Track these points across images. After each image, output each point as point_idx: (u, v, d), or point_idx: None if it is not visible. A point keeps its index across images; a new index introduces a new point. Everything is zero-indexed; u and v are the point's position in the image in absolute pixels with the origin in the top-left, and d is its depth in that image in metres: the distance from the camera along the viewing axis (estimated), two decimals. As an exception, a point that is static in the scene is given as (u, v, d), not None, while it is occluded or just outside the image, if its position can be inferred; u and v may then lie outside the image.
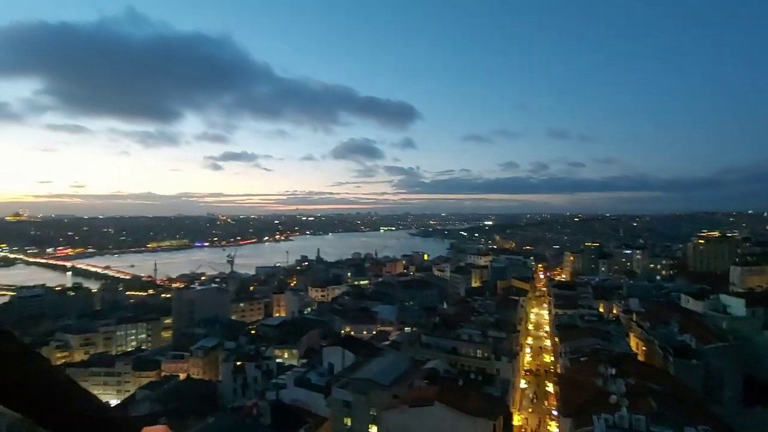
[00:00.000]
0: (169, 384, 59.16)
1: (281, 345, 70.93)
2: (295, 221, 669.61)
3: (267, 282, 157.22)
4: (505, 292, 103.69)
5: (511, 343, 64.29)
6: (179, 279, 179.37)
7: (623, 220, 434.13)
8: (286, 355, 69.07)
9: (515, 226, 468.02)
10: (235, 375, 59.72)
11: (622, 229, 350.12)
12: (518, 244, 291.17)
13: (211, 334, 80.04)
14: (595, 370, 45.01)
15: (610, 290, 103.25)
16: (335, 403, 45.75)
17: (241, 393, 57.95)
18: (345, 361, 54.75)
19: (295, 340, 71.66)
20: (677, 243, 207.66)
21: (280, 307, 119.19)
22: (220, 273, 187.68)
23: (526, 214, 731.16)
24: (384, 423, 39.44)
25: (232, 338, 73.66)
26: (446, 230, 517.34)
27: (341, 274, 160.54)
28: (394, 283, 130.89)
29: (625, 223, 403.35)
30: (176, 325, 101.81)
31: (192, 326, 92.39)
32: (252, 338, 75.80)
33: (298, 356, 67.99)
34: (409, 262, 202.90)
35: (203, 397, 53.77)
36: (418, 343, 64.47)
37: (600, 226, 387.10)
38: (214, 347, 72.12)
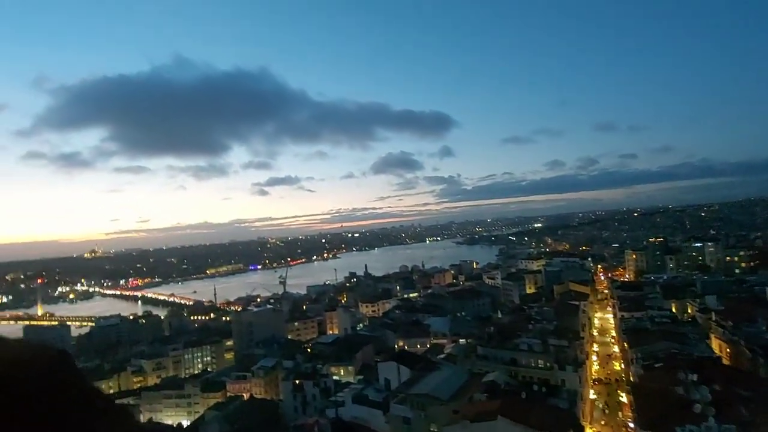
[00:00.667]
0: (235, 404, 61.48)
1: (337, 362, 71.70)
2: (340, 239, 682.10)
3: (318, 300, 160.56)
4: (563, 297, 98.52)
5: (575, 350, 60.66)
6: (237, 302, 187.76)
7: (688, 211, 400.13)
8: (342, 372, 69.64)
9: (567, 226, 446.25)
10: (294, 393, 60.99)
11: (688, 221, 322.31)
12: (572, 245, 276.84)
13: (269, 354, 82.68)
14: (673, 377, 41.33)
15: (681, 288, 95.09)
16: (394, 420, 45.30)
17: (301, 411, 59.01)
18: (401, 376, 54.28)
19: (350, 356, 72.18)
20: (755, 231, 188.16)
21: (333, 325, 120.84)
22: (274, 294, 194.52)
23: (577, 213, 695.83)
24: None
25: (290, 357, 75.62)
26: (493, 236, 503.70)
27: (390, 288, 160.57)
28: (444, 294, 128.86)
29: (691, 214, 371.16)
30: (237, 347, 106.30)
31: (252, 347, 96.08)
32: (308, 356, 77.39)
33: (353, 373, 68.33)
34: (458, 271, 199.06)
35: (267, 416, 55.34)
36: (475, 355, 62.58)
37: (662, 220, 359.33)
38: (274, 367, 74.26)
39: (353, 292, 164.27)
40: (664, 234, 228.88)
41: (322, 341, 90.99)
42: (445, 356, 66.84)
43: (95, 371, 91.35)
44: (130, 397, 77.05)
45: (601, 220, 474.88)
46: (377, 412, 49.14)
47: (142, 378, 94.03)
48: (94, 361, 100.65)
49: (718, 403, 32.99)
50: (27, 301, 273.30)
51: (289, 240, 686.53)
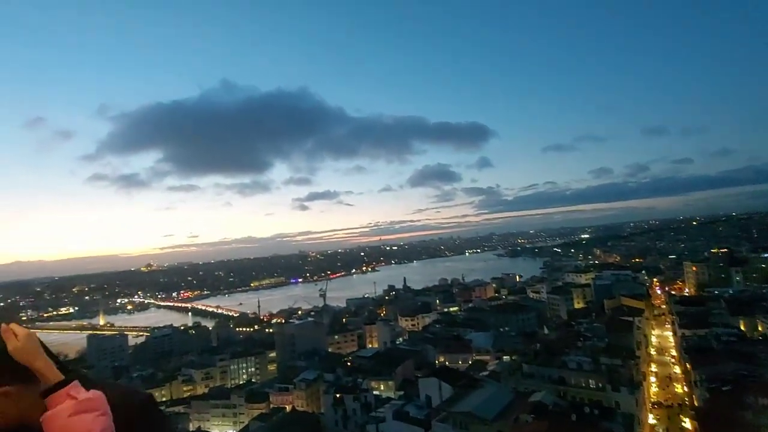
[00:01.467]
0: (278, 416, 62.55)
1: (377, 377, 71.31)
2: (379, 252, 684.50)
3: (358, 313, 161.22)
4: (614, 313, 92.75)
5: (631, 370, 56.72)
6: (279, 314, 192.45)
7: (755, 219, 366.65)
8: (382, 386, 69.12)
9: (617, 237, 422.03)
10: (335, 407, 61.17)
11: (755, 230, 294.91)
12: (624, 257, 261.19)
13: (311, 367, 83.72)
14: (742, 401, 37.57)
15: (750, 303, 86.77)
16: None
17: (342, 425, 59.01)
18: (442, 393, 53.12)
19: (390, 371, 71.58)
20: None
21: (373, 338, 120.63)
22: (314, 307, 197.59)
23: (628, 223, 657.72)
24: (491, 461, 36.93)
25: (331, 370, 76.16)
26: (537, 248, 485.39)
27: (429, 301, 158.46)
28: (485, 309, 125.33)
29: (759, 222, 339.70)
30: (280, 358, 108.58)
31: (294, 359, 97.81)
32: (349, 370, 77.61)
33: (394, 388, 67.63)
34: (500, 285, 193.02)
35: (308, 429, 55.82)
36: (520, 373, 60.09)
37: (725, 229, 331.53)
38: (315, 379, 75.04)
39: (392, 306, 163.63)
40: (727, 244, 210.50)
41: (362, 355, 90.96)
42: (488, 373, 64.70)
43: (149, 379, 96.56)
44: (181, 406, 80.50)
45: (654, 229, 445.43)
46: (418, 429, 48.19)
47: (191, 387, 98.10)
48: (148, 370, 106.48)
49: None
50: (90, 312, 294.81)
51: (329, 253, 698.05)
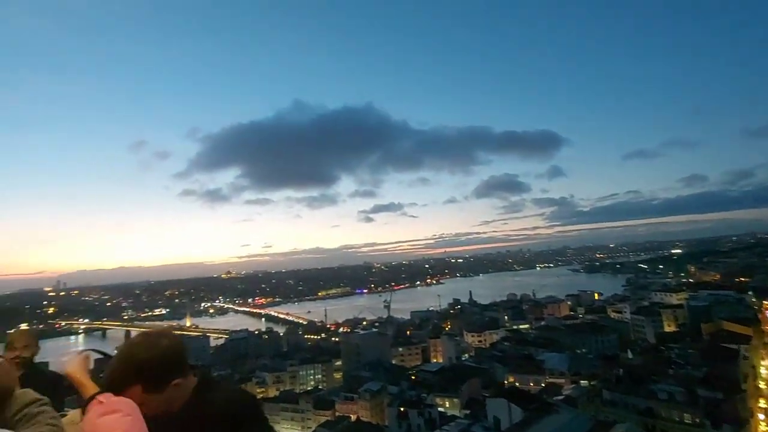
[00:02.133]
0: (343, 424, 63.70)
1: (441, 393, 69.74)
2: (444, 264, 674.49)
3: (422, 326, 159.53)
4: (714, 339, 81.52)
5: (736, 406, 49.34)
6: (345, 323, 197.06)
7: None
8: (447, 404, 67.37)
9: (715, 252, 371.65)
10: (400, 421, 60.81)
11: None
12: (724, 274, 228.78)
13: (375, 378, 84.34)
14: None
15: None
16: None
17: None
18: (512, 416, 50.35)
19: (456, 387, 69.63)
20: None
21: (437, 352, 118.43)
22: (379, 318, 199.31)
23: (729, 237, 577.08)
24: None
25: (395, 382, 76.07)
26: (618, 263, 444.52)
27: (497, 317, 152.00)
28: (559, 327, 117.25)
29: None
30: (345, 367, 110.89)
31: (359, 369, 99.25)
32: (413, 384, 76.90)
33: (459, 406, 65.59)
34: (576, 302, 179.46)
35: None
36: (599, 400, 55.18)
37: None
38: (379, 391, 75.38)
39: (457, 320, 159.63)
40: None
41: (427, 369, 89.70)
42: (563, 398, 60.11)
43: (227, 379, 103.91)
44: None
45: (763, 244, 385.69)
46: (486, 451, 46.13)
47: (263, 389, 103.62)
48: (226, 370, 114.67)
49: None
50: (179, 314, 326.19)
51: (393, 265, 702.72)
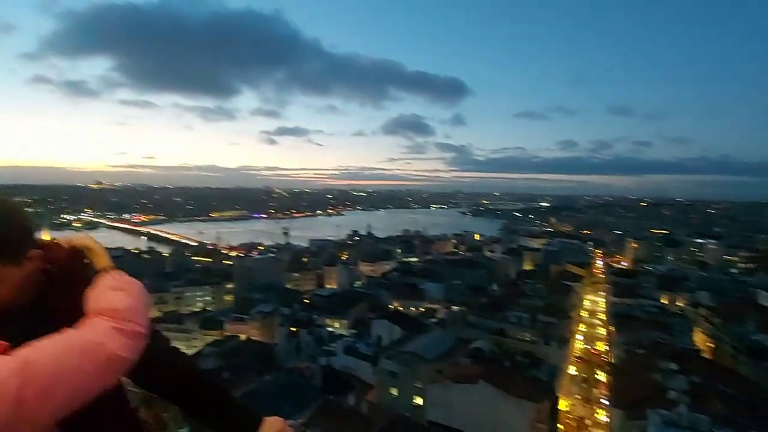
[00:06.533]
0: (232, 343, 64.53)
1: (332, 315, 74.37)
2: (347, 196, 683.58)
3: (319, 254, 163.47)
4: (558, 277, 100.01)
5: (562, 328, 62.57)
6: (239, 247, 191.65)
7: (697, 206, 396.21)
8: (337, 324, 72.43)
9: (573, 208, 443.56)
10: (289, 339, 63.83)
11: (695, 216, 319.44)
12: (575, 227, 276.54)
13: (268, 300, 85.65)
14: (653, 363, 42.86)
15: (676, 281, 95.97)
16: (382, 373, 47.72)
17: (295, 355, 62.00)
18: (392, 335, 56.56)
19: (345, 311, 74.75)
20: (761, 233, 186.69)
21: (332, 279, 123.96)
22: (276, 243, 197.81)
23: (584, 196, 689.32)
24: (429, 396, 40.64)
25: (287, 305, 78.40)
26: (499, 210, 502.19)
27: (390, 250, 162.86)
28: (442, 262, 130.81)
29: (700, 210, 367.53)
30: (237, 290, 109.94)
31: (251, 291, 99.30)
32: (305, 306, 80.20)
33: (347, 326, 71.08)
34: (460, 241, 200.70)
35: (261, 356, 58.21)
36: (465, 323, 64.76)
37: (670, 212, 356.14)
38: (271, 312, 77.18)
39: (354, 250, 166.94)
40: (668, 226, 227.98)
41: (320, 294, 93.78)
42: (436, 320, 69.18)
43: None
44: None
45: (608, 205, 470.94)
46: (366, 364, 51.65)
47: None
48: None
49: (694, 393, 34.41)
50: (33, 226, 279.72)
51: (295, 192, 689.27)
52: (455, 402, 37.94)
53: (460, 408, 37.33)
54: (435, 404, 39.50)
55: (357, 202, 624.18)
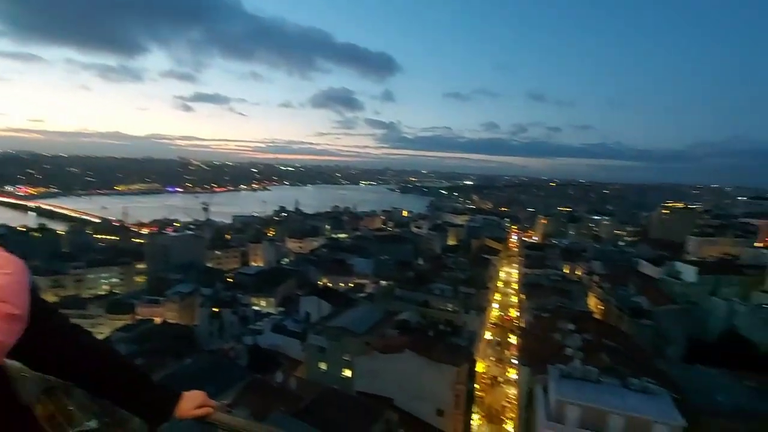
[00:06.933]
0: (145, 327, 59.78)
1: (258, 293, 72.08)
2: (273, 170, 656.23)
3: (243, 231, 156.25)
4: (478, 251, 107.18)
5: (480, 298, 67.55)
6: (152, 224, 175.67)
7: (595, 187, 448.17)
8: (263, 303, 70.45)
9: (493, 187, 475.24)
10: (211, 320, 60.80)
11: (593, 195, 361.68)
12: (495, 204, 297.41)
13: (187, 280, 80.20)
14: (555, 325, 48.28)
15: (576, 253, 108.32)
16: (310, 348, 47.72)
17: (218, 337, 59.36)
18: (321, 310, 56.51)
19: (272, 289, 72.88)
20: (643, 211, 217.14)
21: (257, 257, 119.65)
22: (195, 220, 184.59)
23: (504, 176, 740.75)
24: (357, 367, 41.63)
25: (209, 285, 74.17)
26: (426, 188, 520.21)
27: (319, 226, 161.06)
28: (371, 238, 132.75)
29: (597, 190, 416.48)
30: (150, 270, 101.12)
31: (167, 271, 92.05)
32: (229, 285, 76.58)
33: (275, 304, 69.52)
34: (388, 217, 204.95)
35: (180, 339, 54.83)
36: (392, 296, 66.83)
37: (574, 192, 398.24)
38: (191, 293, 72.59)
39: (281, 227, 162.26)
40: (572, 204, 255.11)
41: (244, 272, 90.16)
42: (365, 295, 70.44)
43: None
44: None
45: (524, 185, 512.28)
46: (294, 341, 51.24)
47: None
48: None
49: (587, 349, 39.53)
50: None
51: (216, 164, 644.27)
52: (383, 371, 39.39)
53: (388, 377, 38.89)
54: (363, 375, 40.64)
55: (284, 176, 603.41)
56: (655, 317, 59.81)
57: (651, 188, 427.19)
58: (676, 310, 63.49)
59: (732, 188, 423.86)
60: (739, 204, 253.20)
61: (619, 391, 31.39)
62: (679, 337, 61.73)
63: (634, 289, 67.45)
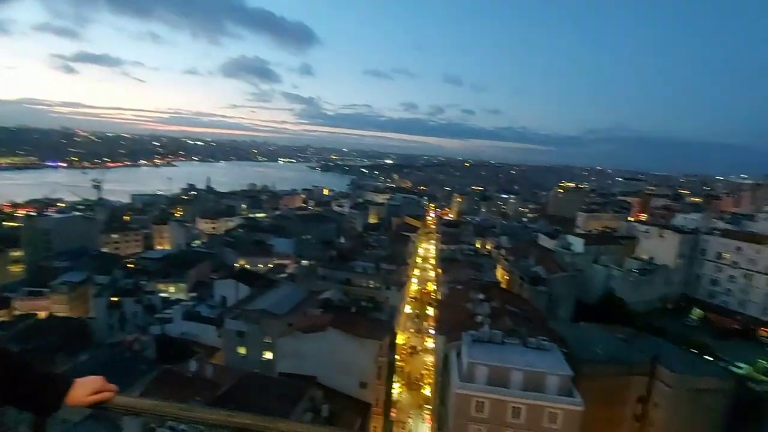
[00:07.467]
0: (27, 323, 51.87)
1: (165, 279, 66.37)
2: (179, 144, 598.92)
3: (146, 212, 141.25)
4: (398, 229, 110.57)
5: (401, 274, 70.23)
6: (28, 204, 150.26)
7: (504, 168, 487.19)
8: (172, 289, 65.17)
9: (413, 166, 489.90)
10: (110, 311, 54.83)
11: (502, 176, 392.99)
12: (414, 183, 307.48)
13: (77, 268, 70.65)
14: (468, 296, 52.23)
15: (487, 229, 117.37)
16: (228, 334, 45.67)
17: (119, 329, 53.87)
18: (239, 294, 54.09)
19: (183, 273, 67.61)
20: (543, 191, 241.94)
21: (163, 239, 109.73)
22: (85, 199, 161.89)
23: (423, 156, 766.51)
24: (279, 349, 40.95)
25: (105, 272, 66.27)
26: (347, 166, 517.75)
27: (235, 205, 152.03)
28: (291, 217, 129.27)
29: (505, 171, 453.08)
30: (29, 258, 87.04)
31: (51, 259, 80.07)
32: (130, 272, 69.22)
33: (186, 290, 64.74)
34: (309, 196, 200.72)
35: (72, 334, 48.62)
36: (315, 276, 66.40)
37: (485, 172, 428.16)
38: (83, 282, 64.35)
39: (191, 206, 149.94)
40: (483, 184, 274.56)
41: (148, 256, 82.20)
42: (287, 276, 68.90)
43: None
44: None
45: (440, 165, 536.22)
46: (209, 327, 48.54)
47: None
48: None
49: (494, 315, 43.58)
50: None
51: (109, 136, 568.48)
52: (306, 351, 39.29)
53: (311, 356, 38.93)
54: (286, 356, 40.13)
55: (193, 151, 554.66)
56: (550, 284, 67.86)
57: (550, 170, 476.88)
58: (566, 277, 72.67)
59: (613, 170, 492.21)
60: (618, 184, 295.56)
61: (519, 350, 35.34)
62: (568, 300, 71.11)
63: (533, 261, 75.44)
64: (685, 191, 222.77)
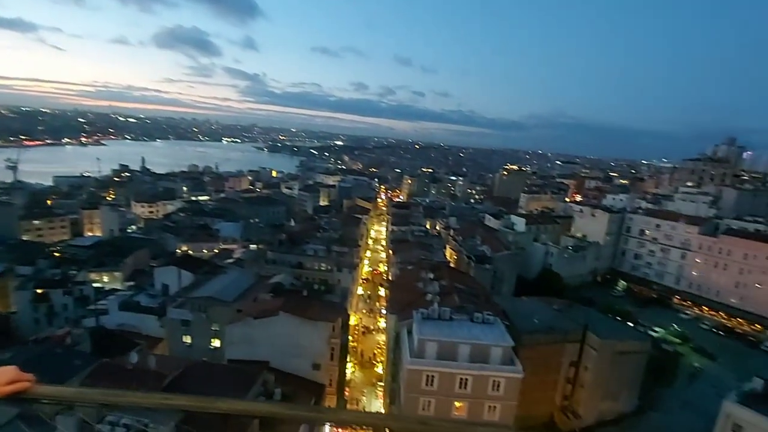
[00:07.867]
0: (-71, 321, 46.10)
1: (98, 268, 61.65)
2: (109, 121, 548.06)
3: (71, 195, 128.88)
4: (349, 211, 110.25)
5: (353, 256, 70.46)
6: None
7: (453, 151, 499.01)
8: (106, 278, 60.77)
9: (363, 147, 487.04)
10: (36, 304, 50.14)
11: (451, 158, 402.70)
12: (365, 165, 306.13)
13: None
14: (418, 276, 53.71)
15: (436, 210, 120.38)
16: (172, 323, 43.65)
17: (46, 323, 49.56)
18: (182, 281, 51.56)
19: (117, 261, 63.12)
20: (489, 173, 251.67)
21: (93, 225, 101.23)
22: None
23: (374, 137, 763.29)
24: (228, 336, 39.84)
25: (28, 262, 60.15)
26: (296, 147, 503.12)
27: (175, 188, 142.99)
28: (238, 200, 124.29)
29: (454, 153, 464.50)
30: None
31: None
32: (57, 261, 63.35)
33: (122, 279, 60.64)
34: (256, 178, 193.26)
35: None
36: (264, 260, 64.80)
37: (435, 154, 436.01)
38: (1, 274, 58.06)
39: (124, 189, 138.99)
40: (433, 166, 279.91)
41: (78, 244, 75.70)
42: (234, 261, 66.59)
43: None
44: None
45: (391, 146, 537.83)
46: (150, 317, 46.05)
47: None
48: None
49: (443, 293, 45.31)
50: None
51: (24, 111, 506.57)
52: (258, 336, 38.55)
53: (263, 341, 38.29)
54: (236, 343, 39.14)
55: (125, 129, 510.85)
56: (495, 262, 71.52)
57: (496, 153, 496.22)
58: (509, 255, 76.96)
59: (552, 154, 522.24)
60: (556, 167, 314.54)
61: (466, 325, 37.22)
62: (510, 277, 75.51)
63: (480, 240, 78.87)
64: (615, 174, 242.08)
